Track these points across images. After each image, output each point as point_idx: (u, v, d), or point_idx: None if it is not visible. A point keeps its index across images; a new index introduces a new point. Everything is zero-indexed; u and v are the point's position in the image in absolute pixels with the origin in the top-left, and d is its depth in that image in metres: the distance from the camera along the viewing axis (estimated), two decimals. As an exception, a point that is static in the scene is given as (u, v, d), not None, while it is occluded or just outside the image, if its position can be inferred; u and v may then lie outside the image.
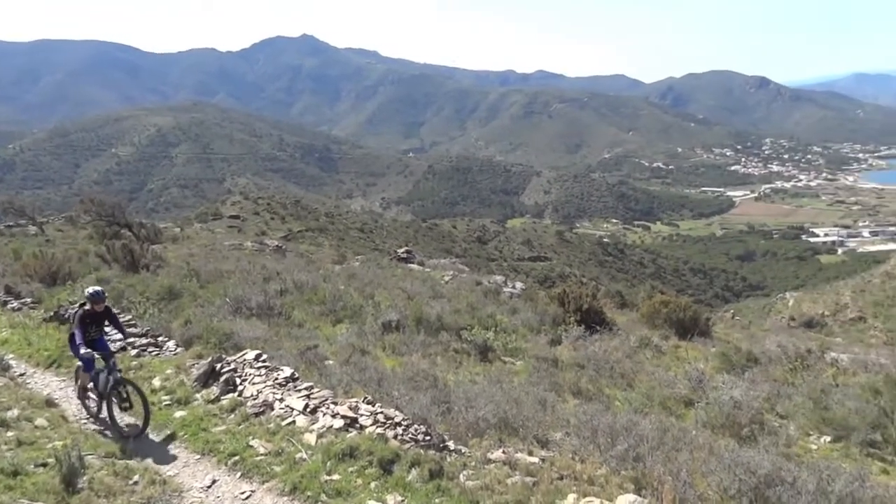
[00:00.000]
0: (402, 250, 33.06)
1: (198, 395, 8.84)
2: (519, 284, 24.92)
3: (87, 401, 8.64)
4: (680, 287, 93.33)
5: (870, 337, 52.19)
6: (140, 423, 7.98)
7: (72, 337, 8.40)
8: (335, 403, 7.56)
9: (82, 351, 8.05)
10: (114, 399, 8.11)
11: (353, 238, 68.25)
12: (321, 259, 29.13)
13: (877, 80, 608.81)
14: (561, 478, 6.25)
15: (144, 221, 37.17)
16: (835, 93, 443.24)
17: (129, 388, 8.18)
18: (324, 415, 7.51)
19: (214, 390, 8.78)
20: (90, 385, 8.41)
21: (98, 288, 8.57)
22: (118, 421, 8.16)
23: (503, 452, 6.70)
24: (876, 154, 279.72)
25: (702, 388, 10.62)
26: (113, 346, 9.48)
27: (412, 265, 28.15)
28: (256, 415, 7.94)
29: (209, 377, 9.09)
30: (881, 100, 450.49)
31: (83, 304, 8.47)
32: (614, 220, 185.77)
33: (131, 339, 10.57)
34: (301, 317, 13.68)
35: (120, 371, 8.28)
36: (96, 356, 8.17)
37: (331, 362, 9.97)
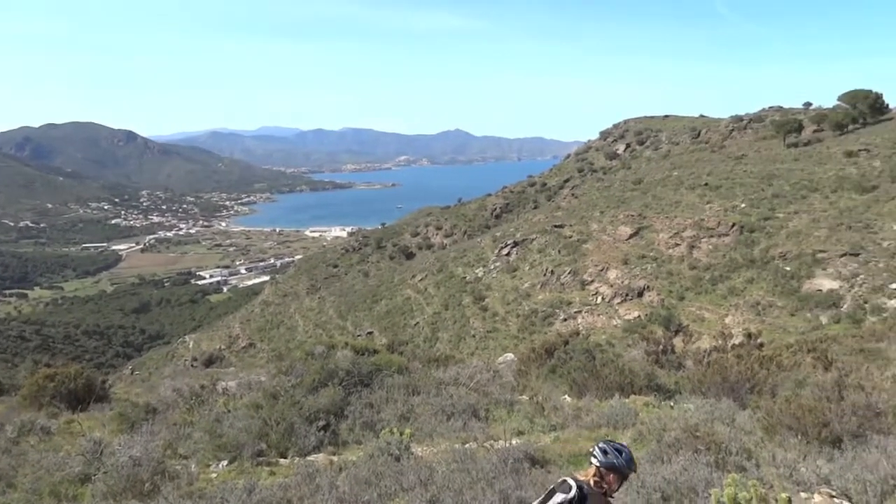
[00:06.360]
0: None
1: None
2: None
3: None
4: (75, 354, 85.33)
5: (260, 359, 59.98)
6: None
7: None
8: None
9: None
10: None
11: None
12: None
13: (229, 137, 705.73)
14: None
15: None
16: (198, 147, 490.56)
17: None
18: None
19: None
20: None
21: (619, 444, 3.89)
22: None
23: None
24: (239, 201, 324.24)
25: (99, 457, 9.88)
26: None
27: None
28: None
29: None
30: (235, 154, 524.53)
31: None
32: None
33: None
34: None
35: None
36: None
37: None
